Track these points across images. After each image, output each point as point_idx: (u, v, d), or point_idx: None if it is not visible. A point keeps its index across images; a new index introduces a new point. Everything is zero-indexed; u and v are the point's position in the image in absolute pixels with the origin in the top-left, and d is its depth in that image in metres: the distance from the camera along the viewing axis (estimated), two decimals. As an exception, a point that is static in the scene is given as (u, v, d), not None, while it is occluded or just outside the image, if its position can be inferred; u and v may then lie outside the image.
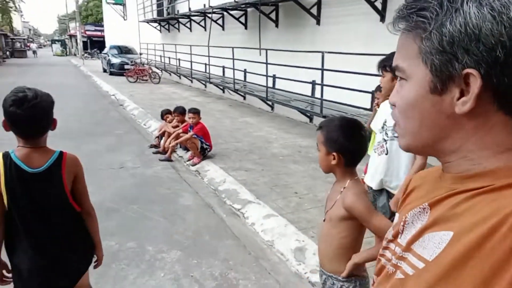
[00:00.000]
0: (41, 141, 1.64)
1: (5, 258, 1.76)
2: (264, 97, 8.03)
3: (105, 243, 3.21)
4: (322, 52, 6.11)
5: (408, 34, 0.58)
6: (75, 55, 40.97)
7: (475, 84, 0.51)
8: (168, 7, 15.56)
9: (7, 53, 36.76)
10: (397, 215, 0.73)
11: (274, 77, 8.52)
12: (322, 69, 6.19)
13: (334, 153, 1.49)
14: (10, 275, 1.76)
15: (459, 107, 0.54)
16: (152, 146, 6.16)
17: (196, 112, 5.41)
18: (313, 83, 7.16)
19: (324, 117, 6.14)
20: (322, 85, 6.32)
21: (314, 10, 7.52)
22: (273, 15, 8.93)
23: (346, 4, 6.73)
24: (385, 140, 2.37)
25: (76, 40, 39.20)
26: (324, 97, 6.31)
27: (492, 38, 0.49)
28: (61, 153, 1.67)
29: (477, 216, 0.51)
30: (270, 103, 8.95)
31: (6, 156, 1.59)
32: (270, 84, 8.36)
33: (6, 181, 1.57)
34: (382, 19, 5.97)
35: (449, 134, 0.57)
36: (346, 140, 1.47)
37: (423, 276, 0.55)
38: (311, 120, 7.95)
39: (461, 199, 0.55)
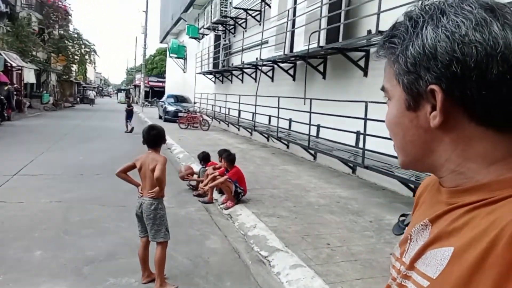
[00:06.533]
0: None
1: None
2: (306, 145, 7.92)
3: (125, 280, 3.16)
4: (366, 102, 5.97)
5: (387, 59, 0.63)
6: (136, 103, 44.00)
7: (438, 98, 0.54)
8: (223, 60, 16.44)
9: (77, 99, 40.40)
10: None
11: (318, 126, 8.43)
12: (365, 119, 6.01)
13: None
14: None
15: (431, 121, 0.56)
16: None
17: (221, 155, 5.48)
18: (357, 133, 6.96)
19: (366, 167, 5.85)
20: (365, 135, 6.11)
21: (361, 63, 7.51)
22: (321, 67, 9.05)
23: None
24: None
25: (140, 89, 42.28)
26: (369, 148, 6.06)
27: (447, 55, 0.53)
28: None
29: (475, 230, 0.51)
30: (312, 152, 8.80)
31: None
32: (314, 133, 8.27)
33: None
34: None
35: (433, 148, 0.59)
36: None
37: None
38: (353, 171, 7.64)
39: (459, 214, 0.56)
